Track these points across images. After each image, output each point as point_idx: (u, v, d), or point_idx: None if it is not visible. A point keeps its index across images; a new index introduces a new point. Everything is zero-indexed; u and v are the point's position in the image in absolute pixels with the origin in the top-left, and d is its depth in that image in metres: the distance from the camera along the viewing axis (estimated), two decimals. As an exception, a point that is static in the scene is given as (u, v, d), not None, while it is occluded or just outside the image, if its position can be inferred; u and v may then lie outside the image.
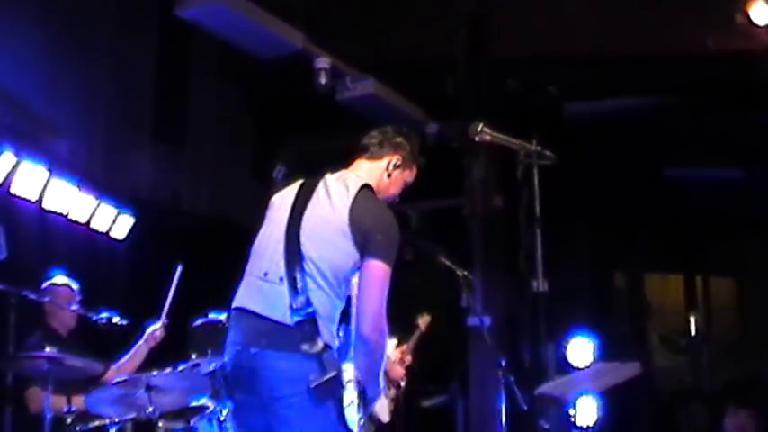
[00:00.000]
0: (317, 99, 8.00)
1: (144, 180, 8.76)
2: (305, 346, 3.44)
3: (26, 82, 7.28)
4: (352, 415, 3.62)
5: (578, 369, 7.24)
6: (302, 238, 3.60)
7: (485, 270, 8.81)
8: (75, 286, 6.00)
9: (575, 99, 8.86)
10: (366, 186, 3.73)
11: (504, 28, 8.70)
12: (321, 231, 3.61)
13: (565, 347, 7.56)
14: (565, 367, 7.44)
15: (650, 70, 8.21)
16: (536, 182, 4.27)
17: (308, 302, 3.49)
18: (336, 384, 3.46)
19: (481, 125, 3.75)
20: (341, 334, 3.67)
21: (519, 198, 4.30)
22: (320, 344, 3.45)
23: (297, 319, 3.48)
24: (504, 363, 5.60)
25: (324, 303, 3.53)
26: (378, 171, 3.88)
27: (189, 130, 9.36)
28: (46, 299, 5.66)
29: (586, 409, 7.10)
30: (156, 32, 8.78)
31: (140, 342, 6.01)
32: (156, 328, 6.02)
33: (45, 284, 5.89)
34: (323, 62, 7.49)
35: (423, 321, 7.32)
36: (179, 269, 6.03)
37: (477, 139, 3.81)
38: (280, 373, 3.47)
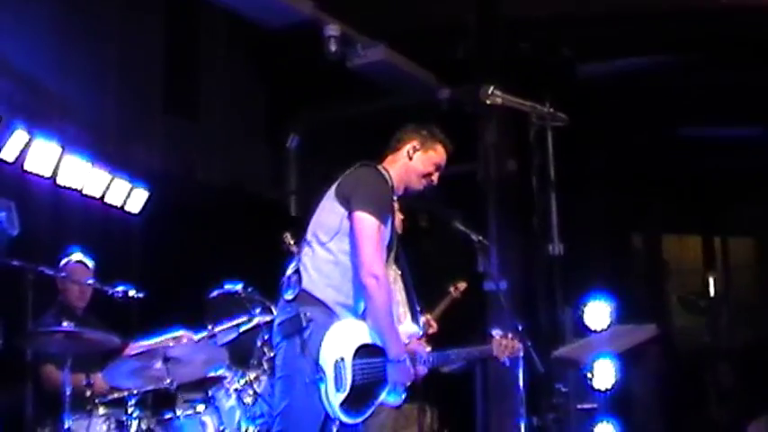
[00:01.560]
0: (329, 67, 7.97)
1: (157, 154, 8.75)
2: (287, 295, 4.02)
3: (36, 60, 7.27)
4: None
5: (595, 332, 7.19)
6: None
7: (500, 235, 8.78)
8: (90, 263, 6.00)
9: (588, 59, 8.74)
10: (364, 165, 4.13)
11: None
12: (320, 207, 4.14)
13: (582, 311, 7.50)
14: (582, 331, 7.39)
15: (664, 27, 8.09)
16: (550, 144, 4.24)
17: (299, 260, 4.05)
18: (298, 322, 3.88)
19: (492, 88, 3.72)
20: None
21: (533, 161, 4.28)
22: (296, 291, 3.96)
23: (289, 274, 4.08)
24: (520, 327, 5.59)
25: (310, 257, 4.02)
26: (399, 158, 4.24)
27: (201, 102, 9.32)
28: (62, 275, 5.67)
29: (604, 372, 7.06)
30: (164, 4, 8.73)
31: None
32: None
33: (62, 262, 5.89)
34: (332, 29, 7.43)
35: (457, 288, 7.26)
36: None
37: (488, 102, 3.77)
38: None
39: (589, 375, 6.78)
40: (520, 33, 8.90)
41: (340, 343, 3.93)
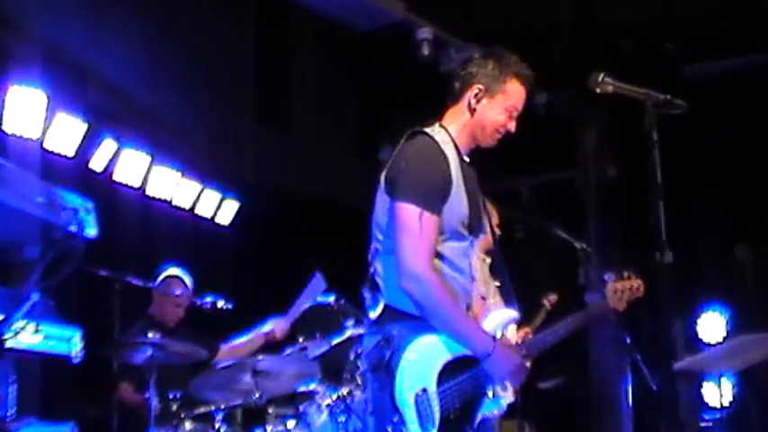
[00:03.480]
0: (422, 73, 7.72)
1: (248, 164, 8.69)
2: (371, 313, 3.35)
3: (126, 71, 7.26)
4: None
5: (711, 345, 6.75)
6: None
7: (600, 244, 8.38)
8: (189, 280, 5.86)
9: (693, 59, 8.30)
10: (412, 134, 3.45)
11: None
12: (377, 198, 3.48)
13: (695, 323, 7.06)
14: (695, 343, 6.97)
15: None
16: (656, 146, 3.89)
17: (372, 268, 3.40)
18: (380, 350, 3.23)
19: (602, 74, 3.33)
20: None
21: (636, 166, 3.90)
22: (377, 306, 3.31)
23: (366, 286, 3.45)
24: (629, 340, 5.24)
25: (380, 262, 3.35)
26: (460, 113, 3.50)
27: (292, 111, 9.27)
28: (159, 288, 5.54)
29: (719, 389, 6.62)
30: (254, 14, 8.69)
31: (259, 331, 5.78)
32: (278, 326, 5.76)
33: (161, 276, 5.77)
34: (425, 32, 7.18)
35: (549, 300, 6.94)
36: (317, 276, 5.75)
37: (597, 90, 3.38)
38: None
39: (704, 392, 6.35)
40: (617, 35, 8.52)
41: (418, 371, 3.21)
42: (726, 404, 6.62)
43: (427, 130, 3.48)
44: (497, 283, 4.50)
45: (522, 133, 3.61)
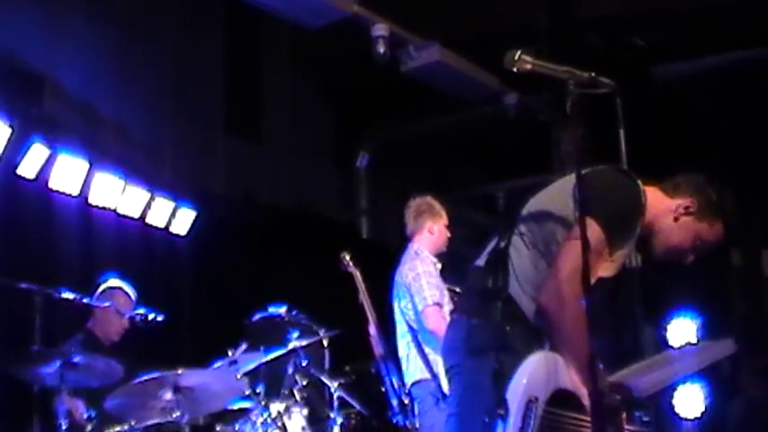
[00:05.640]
0: (398, 81, 7.47)
1: (219, 176, 8.47)
2: (481, 296, 3.15)
3: (93, 87, 7.09)
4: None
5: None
6: None
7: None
8: (132, 292, 5.59)
9: (664, 58, 7.97)
10: (618, 170, 3.26)
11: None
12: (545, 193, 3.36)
13: (665, 328, 6.72)
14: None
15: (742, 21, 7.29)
16: (622, 139, 3.57)
17: (504, 251, 3.21)
18: (495, 336, 3.01)
19: (519, 52, 3.02)
20: None
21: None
22: (497, 293, 3.12)
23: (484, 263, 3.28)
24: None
25: (518, 254, 3.19)
26: (663, 205, 3.34)
27: (264, 121, 9.05)
28: (101, 304, 5.25)
29: (691, 399, 6.27)
30: (222, 21, 8.49)
31: None
32: None
33: (100, 288, 5.53)
34: (380, 29, 6.89)
35: None
36: None
37: (515, 69, 3.07)
38: None
39: (674, 402, 6.00)
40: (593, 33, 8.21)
41: (539, 378, 2.95)
42: (697, 416, 6.29)
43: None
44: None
45: (497, 138, 3.35)
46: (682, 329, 6.64)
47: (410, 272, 5.30)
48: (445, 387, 4.30)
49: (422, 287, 5.20)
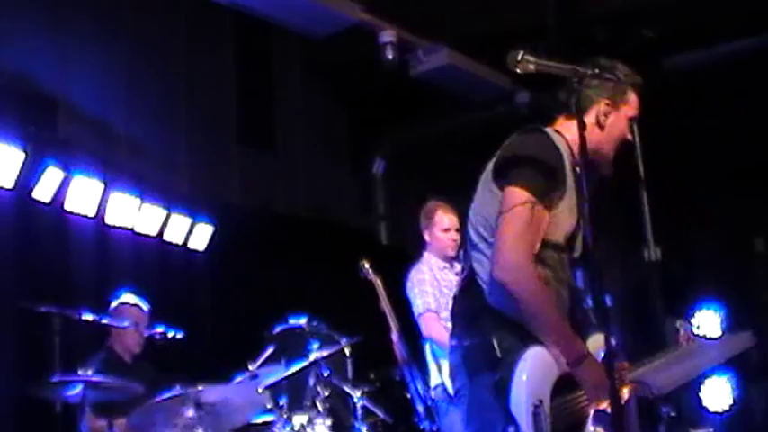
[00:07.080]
0: (411, 85, 7.43)
1: (233, 186, 8.47)
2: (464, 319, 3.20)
3: (105, 106, 7.12)
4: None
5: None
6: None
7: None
8: (144, 305, 5.59)
9: (677, 49, 7.90)
10: (526, 130, 3.24)
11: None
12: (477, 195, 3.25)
13: (689, 322, 6.63)
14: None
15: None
16: (636, 136, 3.54)
17: (470, 269, 3.20)
18: (487, 353, 3.02)
19: (521, 53, 2.99)
20: None
21: (624, 162, 3.52)
22: (477, 309, 3.11)
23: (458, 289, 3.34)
24: (614, 341, 4.83)
25: (482, 263, 3.14)
26: (577, 126, 3.15)
27: (278, 131, 9.05)
28: (111, 321, 5.26)
29: (718, 392, 6.19)
30: (232, 36, 8.50)
31: None
32: None
33: (113, 305, 5.52)
34: (387, 35, 6.89)
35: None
36: None
37: (518, 70, 3.04)
38: None
39: (702, 396, 5.92)
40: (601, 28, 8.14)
41: (534, 383, 2.97)
42: (725, 408, 6.21)
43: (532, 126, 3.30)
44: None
45: (508, 135, 3.31)
46: (706, 322, 6.56)
47: (408, 281, 5.33)
48: (450, 390, 4.29)
49: (415, 296, 5.23)
